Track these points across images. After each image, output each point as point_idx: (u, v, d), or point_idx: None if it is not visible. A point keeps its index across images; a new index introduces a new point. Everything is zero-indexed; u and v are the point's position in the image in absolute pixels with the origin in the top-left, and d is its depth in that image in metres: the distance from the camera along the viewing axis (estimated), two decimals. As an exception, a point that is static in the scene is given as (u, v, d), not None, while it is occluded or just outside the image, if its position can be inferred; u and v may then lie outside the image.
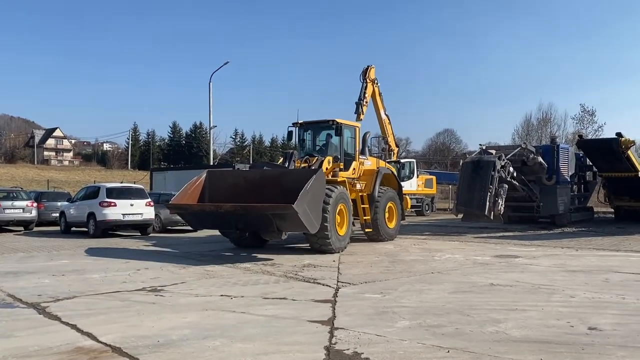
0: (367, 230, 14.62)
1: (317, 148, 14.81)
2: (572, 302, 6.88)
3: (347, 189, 13.37)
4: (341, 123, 14.27)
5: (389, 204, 15.30)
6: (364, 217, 14.22)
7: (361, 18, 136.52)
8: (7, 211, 19.55)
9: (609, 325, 5.65)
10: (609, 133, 24.57)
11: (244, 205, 11.09)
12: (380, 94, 29.47)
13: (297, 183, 10.96)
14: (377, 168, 15.11)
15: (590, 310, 6.38)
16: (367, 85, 27.83)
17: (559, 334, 5.35)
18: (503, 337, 5.25)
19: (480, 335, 5.32)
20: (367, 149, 15.30)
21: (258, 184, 12.37)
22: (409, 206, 17.66)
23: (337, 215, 12.46)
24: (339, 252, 12.33)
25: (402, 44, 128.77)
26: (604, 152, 20.18)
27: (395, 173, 16.59)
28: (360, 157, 14.78)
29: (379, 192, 14.70)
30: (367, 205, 14.26)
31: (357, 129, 15.03)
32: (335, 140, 14.49)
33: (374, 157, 15.62)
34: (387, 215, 15.17)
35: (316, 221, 10.98)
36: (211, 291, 7.74)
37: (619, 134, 19.25)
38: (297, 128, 15.00)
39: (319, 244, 12.15)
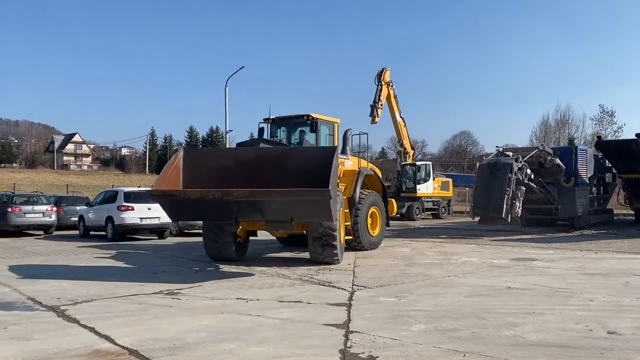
0: (346, 237, 12.62)
1: (291, 146, 13.15)
2: (591, 306, 6.79)
3: None
4: (317, 118, 12.83)
5: (372, 209, 13.77)
6: (344, 223, 12.31)
7: (377, 19, 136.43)
8: (28, 215, 19.90)
9: (629, 330, 5.56)
10: (629, 134, 24.31)
11: (266, 190, 8.96)
12: (395, 97, 29.55)
13: (306, 163, 9.86)
14: (359, 168, 13.44)
15: (609, 314, 6.28)
16: (382, 87, 27.94)
17: (577, 338, 5.28)
18: (520, 341, 5.20)
19: (496, 339, 5.27)
20: (347, 147, 13.66)
21: (252, 166, 10.44)
22: (395, 211, 15.96)
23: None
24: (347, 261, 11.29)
25: (417, 45, 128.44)
26: (624, 154, 19.89)
27: (380, 174, 15.01)
28: (340, 156, 12.26)
29: (360, 195, 13.13)
30: (347, 210, 12.60)
31: (336, 125, 13.66)
32: (310, 137, 13.09)
33: (355, 156, 13.81)
34: (369, 221, 13.65)
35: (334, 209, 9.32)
36: (227, 294, 7.78)
37: (638, 135, 18.96)
38: (268, 124, 13.61)
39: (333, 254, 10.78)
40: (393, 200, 15.94)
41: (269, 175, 10.06)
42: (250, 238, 12.42)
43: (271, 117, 13.54)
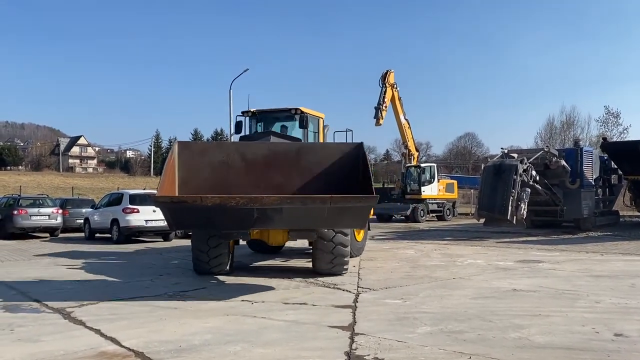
0: None
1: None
2: (598, 308, 6.76)
3: None
4: (307, 113, 11.60)
5: None
6: None
7: (381, 20, 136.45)
8: (34, 218, 19.98)
9: (636, 332, 5.53)
10: (635, 135, 24.30)
11: (304, 197, 7.73)
12: (399, 99, 29.53)
13: (326, 162, 8.85)
14: None
15: (616, 316, 6.25)
16: (386, 89, 27.94)
17: (584, 340, 5.26)
18: (526, 343, 5.18)
19: (502, 341, 5.25)
20: None
21: (261, 164, 9.20)
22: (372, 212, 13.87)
23: None
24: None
25: (422, 47, 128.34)
26: (629, 155, 19.82)
27: None
28: None
29: None
30: None
31: (321, 120, 12.50)
32: (298, 133, 11.83)
33: None
34: None
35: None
36: (232, 296, 7.78)
37: (644, 136, 18.88)
38: (247, 118, 12.29)
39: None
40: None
41: (282, 175, 8.99)
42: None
43: (252, 110, 12.14)
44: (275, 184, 8.80)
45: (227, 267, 9.70)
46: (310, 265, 10.49)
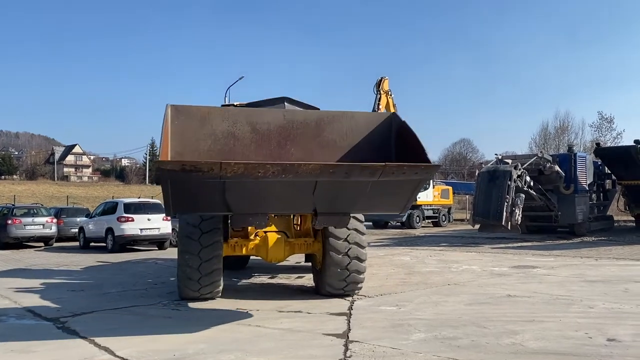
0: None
1: None
2: (591, 313, 6.79)
3: None
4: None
5: None
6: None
7: (376, 28, 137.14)
8: (28, 227, 19.89)
9: (629, 336, 5.56)
10: (628, 140, 24.40)
11: (350, 165, 6.19)
12: (394, 105, 29.54)
13: (352, 134, 7.62)
14: None
15: (609, 321, 6.29)
16: (381, 96, 27.98)
17: (577, 345, 5.28)
18: (520, 348, 5.20)
19: (496, 347, 5.27)
20: None
21: (274, 135, 7.66)
22: None
23: None
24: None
25: (416, 53, 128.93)
26: (623, 160, 19.94)
27: None
28: None
29: None
30: None
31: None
32: None
33: None
34: None
35: None
36: (226, 305, 7.76)
37: (637, 142, 19.03)
38: None
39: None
40: None
41: (300, 150, 7.52)
42: None
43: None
44: (292, 161, 6.93)
45: (220, 288, 8.15)
46: (307, 271, 10.45)
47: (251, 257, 10.59)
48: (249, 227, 8.49)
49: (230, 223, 6.99)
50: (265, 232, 8.44)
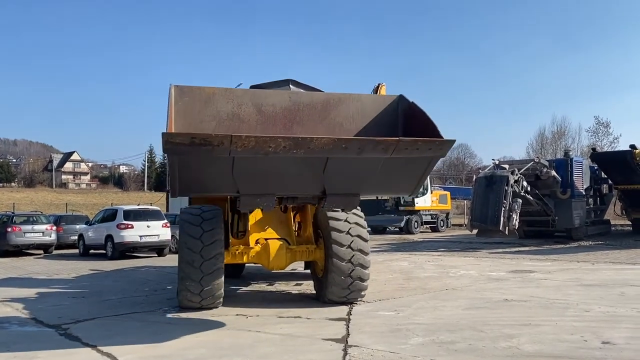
0: None
1: None
2: (587, 317, 6.88)
3: None
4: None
5: None
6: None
7: (373, 33, 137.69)
8: (28, 235, 19.94)
9: (623, 339, 5.65)
10: (625, 145, 24.52)
11: (362, 140, 6.08)
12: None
13: (359, 117, 7.47)
14: None
15: (604, 325, 6.37)
16: (378, 103, 28.12)
17: (572, 348, 5.37)
18: (516, 352, 5.28)
19: (493, 350, 5.36)
20: None
21: (282, 117, 7.51)
22: None
23: None
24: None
25: (413, 59, 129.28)
26: (619, 165, 20.08)
27: None
28: None
29: None
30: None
31: None
32: None
33: None
34: None
35: None
36: (226, 311, 7.84)
37: (632, 146, 19.17)
38: None
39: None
40: None
41: (306, 133, 7.24)
42: None
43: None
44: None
45: (221, 299, 7.94)
46: (306, 277, 10.51)
47: (246, 265, 10.50)
48: (250, 235, 8.59)
49: (238, 205, 6.74)
50: (266, 239, 8.45)
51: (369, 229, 9.62)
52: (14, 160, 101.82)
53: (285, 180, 6.21)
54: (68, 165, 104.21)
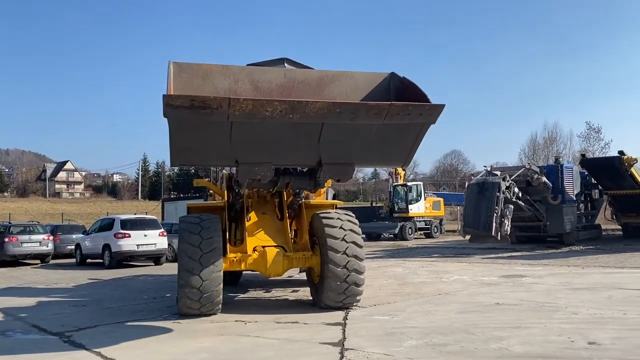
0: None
1: None
2: (574, 319, 7.12)
3: None
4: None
5: None
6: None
7: (365, 38, 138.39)
8: (25, 245, 20.03)
9: (608, 340, 5.89)
10: (616, 150, 24.85)
11: (356, 104, 6.56)
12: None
13: (353, 94, 7.58)
14: None
15: (591, 326, 6.61)
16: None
17: (559, 349, 5.60)
18: (505, 353, 5.51)
19: (483, 352, 5.58)
20: None
21: (278, 94, 7.54)
22: None
23: None
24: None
25: (407, 64, 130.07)
26: (608, 171, 20.41)
27: None
28: None
29: None
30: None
31: None
32: None
33: None
34: None
35: None
36: (225, 317, 8.02)
37: (621, 152, 19.53)
38: None
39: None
40: None
41: None
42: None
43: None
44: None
45: (220, 305, 8.08)
46: (303, 284, 10.68)
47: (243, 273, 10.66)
48: (247, 242, 8.75)
49: (236, 176, 7.06)
50: (263, 247, 8.65)
51: (364, 235, 9.76)
52: (7, 170, 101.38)
53: (282, 149, 6.49)
54: (61, 175, 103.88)
